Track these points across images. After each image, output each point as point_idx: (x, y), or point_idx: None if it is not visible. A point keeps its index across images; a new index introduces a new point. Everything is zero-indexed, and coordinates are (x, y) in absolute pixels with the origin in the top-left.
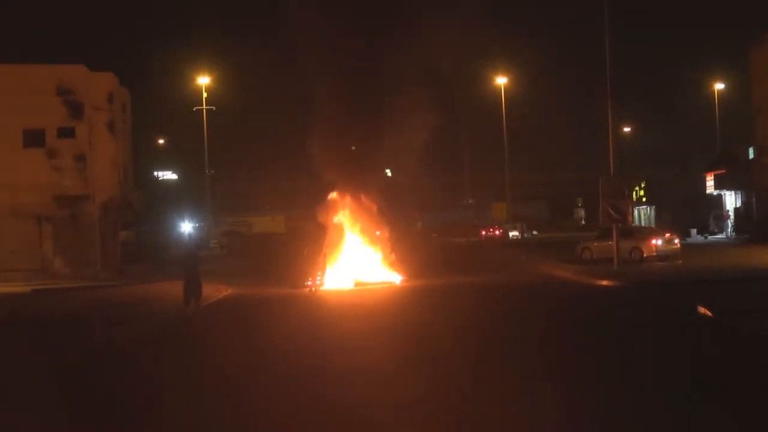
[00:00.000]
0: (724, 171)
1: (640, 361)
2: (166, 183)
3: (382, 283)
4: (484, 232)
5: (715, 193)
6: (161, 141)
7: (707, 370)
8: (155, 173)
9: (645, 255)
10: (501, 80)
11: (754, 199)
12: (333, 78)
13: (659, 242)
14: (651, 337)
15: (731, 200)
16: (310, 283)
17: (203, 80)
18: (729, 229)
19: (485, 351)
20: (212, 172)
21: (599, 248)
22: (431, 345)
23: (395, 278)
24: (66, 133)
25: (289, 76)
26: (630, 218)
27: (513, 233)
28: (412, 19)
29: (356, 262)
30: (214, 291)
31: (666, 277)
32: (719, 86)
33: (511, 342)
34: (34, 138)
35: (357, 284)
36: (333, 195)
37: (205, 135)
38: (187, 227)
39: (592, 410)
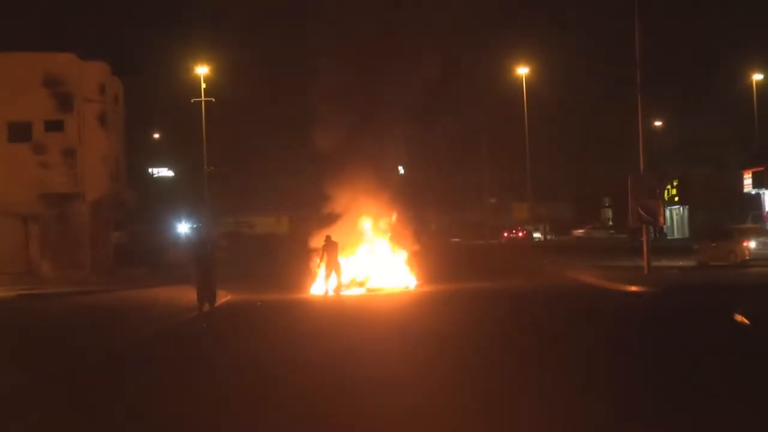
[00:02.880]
0: (762, 168)
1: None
2: (162, 180)
3: (396, 288)
4: (506, 234)
5: (753, 191)
6: (156, 135)
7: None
8: (150, 170)
9: (738, 259)
10: (522, 70)
11: None
12: (342, 68)
13: (753, 244)
14: (684, 347)
15: None
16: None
17: (202, 70)
18: None
19: (505, 361)
20: (211, 168)
21: (713, 251)
22: (448, 357)
23: (409, 283)
24: (54, 126)
25: (295, 66)
26: (662, 219)
27: (536, 235)
28: (429, 6)
29: (367, 266)
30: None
31: (702, 282)
32: (758, 77)
33: (528, 353)
34: (19, 132)
35: (368, 290)
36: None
37: (204, 129)
38: (192, 227)
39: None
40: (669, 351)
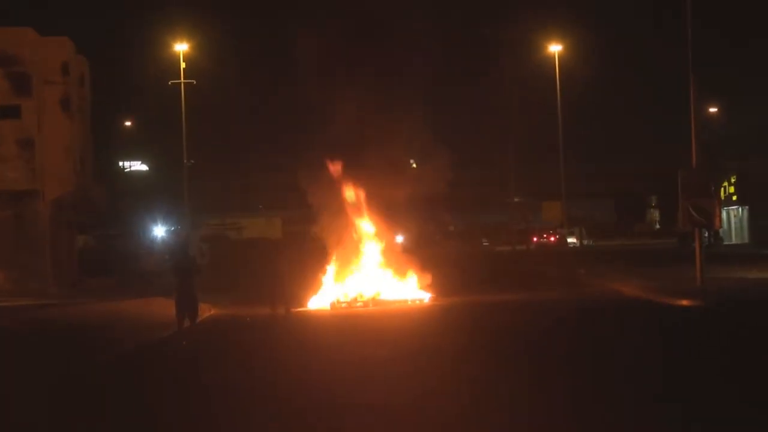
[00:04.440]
0: None
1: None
2: (135, 175)
3: (406, 301)
4: (535, 239)
5: None
6: (128, 123)
7: None
8: (121, 163)
9: None
10: (555, 48)
11: None
12: (347, 46)
13: None
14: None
15: None
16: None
17: (181, 47)
18: None
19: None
20: (192, 162)
21: None
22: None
23: (422, 295)
24: (9, 112)
25: (290, 43)
26: (717, 222)
27: (570, 240)
28: None
29: (374, 276)
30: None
31: (762, 295)
32: None
33: (567, 382)
34: None
35: (375, 303)
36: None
37: (184, 116)
38: (169, 230)
39: None
40: (720, 377)
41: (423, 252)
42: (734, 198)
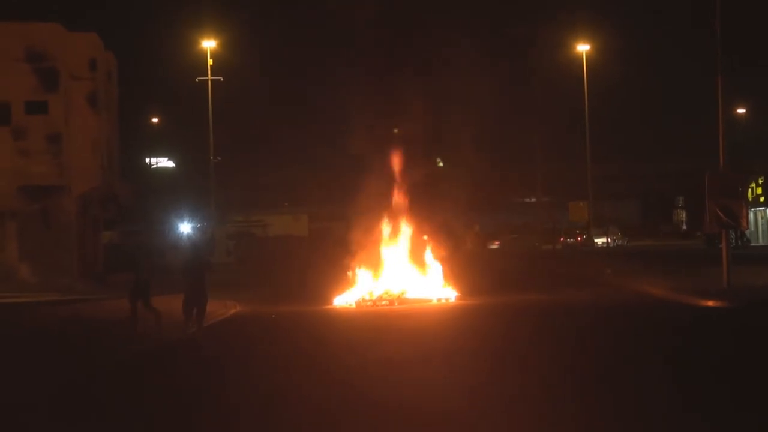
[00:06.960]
0: None
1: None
2: (161, 172)
3: (431, 300)
4: (562, 239)
5: None
6: (155, 120)
7: None
8: (147, 160)
9: None
10: (583, 47)
11: None
12: (372, 42)
13: None
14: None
15: None
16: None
17: (208, 44)
18: None
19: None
20: (218, 159)
21: None
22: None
23: (448, 294)
24: (37, 108)
25: (316, 39)
26: (745, 223)
27: (600, 240)
28: None
29: (399, 275)
30: (220, 307)
31: None
32: None
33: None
34: None
35: (401, 302)
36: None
37: (211, 113)
38: (195, 227)
39: None
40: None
41: (450, 251)
42: (762, 199)
